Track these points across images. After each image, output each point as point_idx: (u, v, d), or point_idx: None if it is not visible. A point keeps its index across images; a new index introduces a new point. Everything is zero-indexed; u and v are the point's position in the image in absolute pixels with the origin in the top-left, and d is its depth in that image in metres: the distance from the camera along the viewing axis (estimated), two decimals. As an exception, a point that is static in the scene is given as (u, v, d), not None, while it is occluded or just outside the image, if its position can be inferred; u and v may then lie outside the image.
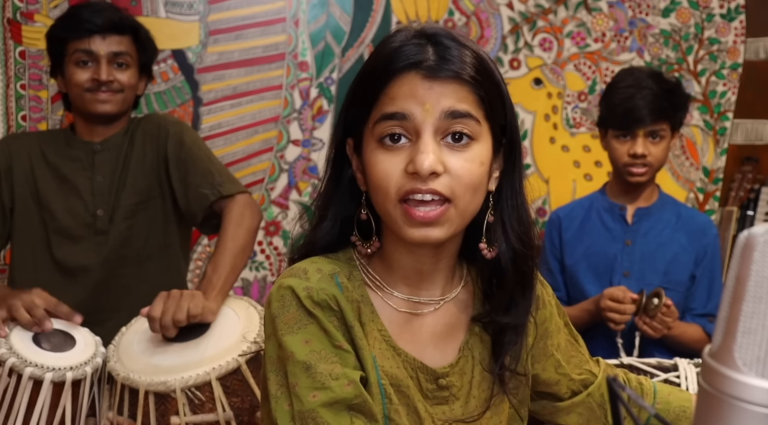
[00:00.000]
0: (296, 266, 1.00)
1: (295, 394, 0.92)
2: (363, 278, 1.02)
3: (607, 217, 2.17)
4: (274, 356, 0.96)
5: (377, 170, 0.95)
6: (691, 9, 3.06)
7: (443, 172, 0.93)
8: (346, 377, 0.92)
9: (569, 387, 1.15)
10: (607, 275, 2.11)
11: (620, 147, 2.06)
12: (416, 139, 0.94)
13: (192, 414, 1.53)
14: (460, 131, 0.94)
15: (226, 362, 1.55)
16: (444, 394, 1.03)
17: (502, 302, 1.03)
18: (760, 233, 0.53)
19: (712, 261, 2.13)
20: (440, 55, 0.94)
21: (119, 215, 1.94)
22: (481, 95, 0.95)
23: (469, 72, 0.94)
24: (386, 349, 1.00)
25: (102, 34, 1.89)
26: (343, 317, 0.97)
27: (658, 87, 2.04)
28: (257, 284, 2.94)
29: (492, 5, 2.96)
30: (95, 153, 1.96)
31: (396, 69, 0.95)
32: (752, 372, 0.52)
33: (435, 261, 1.02)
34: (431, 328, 1.04)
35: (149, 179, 1.96)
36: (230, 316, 1.69)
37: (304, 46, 2.86)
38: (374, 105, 0.96)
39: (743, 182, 3.06)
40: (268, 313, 0.98)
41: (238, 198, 1.88)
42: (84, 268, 1.93)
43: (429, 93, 0.93)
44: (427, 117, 0.93)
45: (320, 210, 1.04)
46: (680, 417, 1.17)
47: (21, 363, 1.51)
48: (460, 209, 0.95)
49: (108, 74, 1.89)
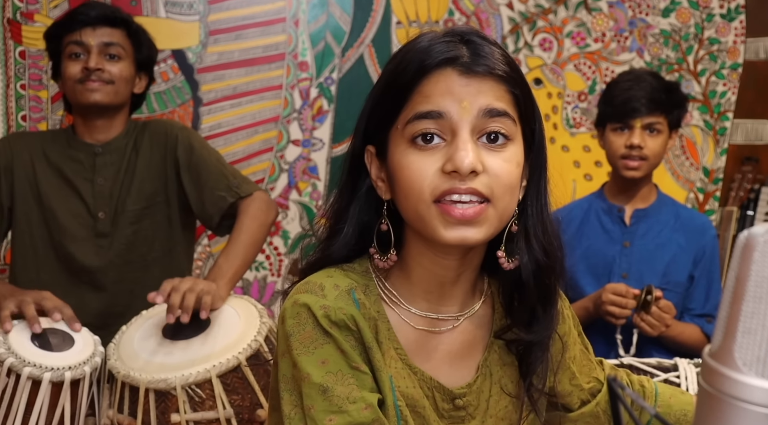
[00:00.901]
0: (312, 280, 0.96)
1: (311, 417, 0.89)
2: (379, 293, 0.98)
3: (605, 218, 2.17)
4: (288, 375, 0.93)
5: (410, 170, 0.90)
6: (691, 9, 3.06)
7: (482, 171, 0.89)
8: (363, 400, 0.89)
9: (579, 397, 1.13)
10: (605, 276, 2.11)
11: (617, 140, 2.07)
12: (452, 138, 0.90)
13: (192, 411, 1.53)
14: (497, 131, 0.90)
15: (227, 359, 1.55)
16: (461, 414, 1.00)
17: (523, 317, 0.99)
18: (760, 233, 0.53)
19: (711, 262, 2.13)
20: (475, 52, 0.91)
21: (125, 220, 1.95)
22: (516, 94, 0.93)
23: (504, 69, 0.92)
24: (402, 368, 0.97)
25: (93, 26, 1.92)
26: (361, 337, 0.93)
27: (656, 82, 2.08)
28: (257, 284, 2.94)
29: (492, 5, 2.96)
30: (96, 156, 1.96)
31: (430, 65, 0.90)
32: (752, 372, 0.52)
33: (458, 273, 0.98)
34: (448, 346, 1.01)
35: (155, 185, 1.97)
36: (231, 314, 1.69)
37: (304, 46, 2.86)
38: (404, 105, 0.92)
39: (743, 182, 3.07)
40: (282, 330, 0.94)
41: (256, 196, 1.94)
42: (87, 270, 1.93)
43: (466, 90, 0.90)
44: (465, 115, 0.89)
45: (335, 222, 0.99)
46: (681, 421, 1.16)
47: (19, 362, 1.51)
48: (499, 211, 0.91)
49: (97, 63, 1.90)
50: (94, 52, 1.91)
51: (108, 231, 1.94)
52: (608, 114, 2.10)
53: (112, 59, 1.93)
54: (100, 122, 1.97)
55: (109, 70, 1.92)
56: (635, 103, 2.03)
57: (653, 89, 2.04)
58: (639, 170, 2.06)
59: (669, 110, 2.06)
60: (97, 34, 1.92)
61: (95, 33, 1.92)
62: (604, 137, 2.13)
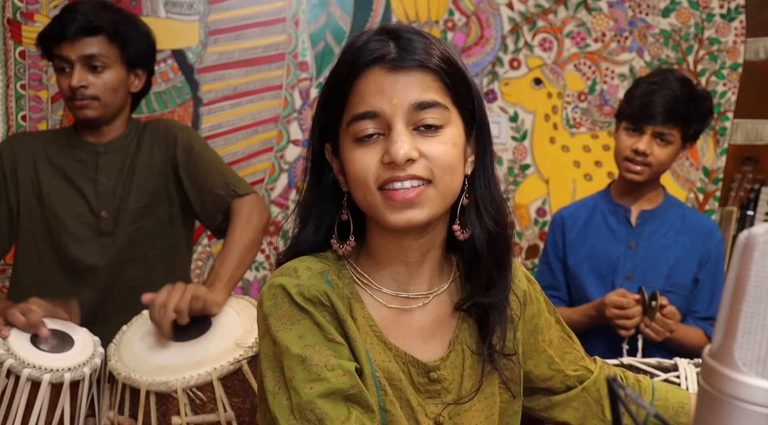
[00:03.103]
0: (286, 265, 1.02)
1: (293, 387, 0.93)
2: (352, 276, 1.04)
3: (611, 218, 2.16)
4: (270, 353, 0.97)
5: (355, 164, 0.97)
6: (691, 9, 3.06)
7: (419, 157, 0.95)
8: (341, 367, 0.94)
9: (563, 382, 1.16)
10: (609, 277, 2.10)
11: (626, 140, 2.04)
12: (389, 131, 0.96)
13: (193, 414, 1.53)
14: (430, 123, 0.96)
15: (228, 362, 1.55)
16: (436, 387, 1.04)
17: (481, 283, 1.05)
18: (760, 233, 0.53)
19: (716, 265, 2.11)
20: (402, 47, 0.96)
21: (126, 218, 1.95)
22: (446, 82, 0.97)
23: (432, 61, 0.96)
24: (378, 344, 1.02)
25: (71, 40, 1.85)
26: (335, 311, 0.99)
27: (681, 91, 2.00)
28: (257, 284, 2.94)
29: (492, 5, 2.96)
30: (99, 155, 1.96)
31: (361, 65, 0.97)
32: (752, 372, 0.52)
33: (422, 253, 1.04)
34: (420, 323, 1.06)
35: (156, 183, 1.97)
36: (232, 316, 1.69)
37: (304, 46, 2.86)
38: (345, 106, 0.99)
39: (743, 182, 3.06)
40: (261, 312, 1.00)
41: (250, 197, 1.93)
42: (90, 269, 1.93)
43: (395, 86, 0.95)
44: (396, 111, 0.95)
45: (302, 215, 1.06)
46: (678, 413, 1.19)
47: (19, 364, 1.51)
48: (441, 190, 0.97)
49: (79, 80, 1.85)
50: (77, 68, 1.86)
51: (111, 230, 1.95)
52: (625, 112, 2.07)
53: (95, 71, 1.88)
54: (100, 127, 1.97)
55: (93, 84, 1.87)
56: (651, 109, 1.99)
57: (674, 99, 1.98)
58: (640, 175, 2.04)
59: (685, 123, 2.01)
60: (76, 48, 1.86)
61: (74, 47, 1.86)
62: (618, 130, 2.11)
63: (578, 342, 1.20)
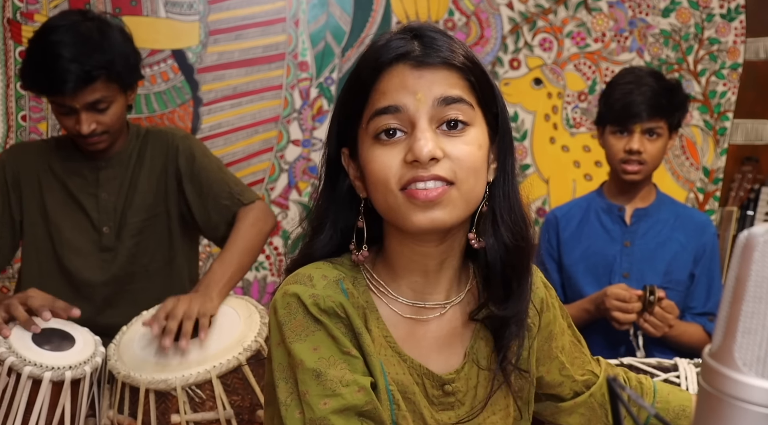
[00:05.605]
0: (300, 272, 0.99)
1: (306, 402, 0.91)
2: (367, 284, 1.01)
3: (605, 218, 2.17)
4: (284, 363, 0.95)
5: (376, 164, 0.94)
6: (691, 9, 3.06)
7: (443, 157, 0.92)
8: (356, 383, 0.92)
9: (572, 388, 1.15)
10: (606, 276, 2.11)
11: (616, 143, 2.06)
12: (412, 130, 0.93)
13: (192, 412, 1.54)
14: (454, 118, 0.93)
15: (227, 360, 1.56)
16: (450, 400, 1.02)
17: (497, 294, 1.01)
18: (760, 233, 0.53)
19: (711, 260, 2.13)
20: (427, 45, 0.94)
21: (127, 233, 1.95)
22: (471, 81, 0.95)
23: (457, 58, 0.94)
24: (392, 355, 1.00)
25: (71, 94, 1.77)
26: (351, 324, 0.96)
27: (657, 85, 2.04)
28: (257, 284, 2.95)
29: (492, 5, 2.96)
30: (99, 170, 1.94)
31: (384, 63, 0.94)
32: (752, 372, 0.52)
33: (440, 261, 1.00)
34: (436, 333, 1.03)
35: (156, 196, 1.96)
36: (231, 315, 1.69)
37: (304, 46, 2.86)
38: (366, 104, 0.95)
39: (743, 182, 3.06)
40: (274, 320, 0.97)
41: (256, 204, 1.93)
42: (91, 284, 1.93)
43: (419, 82, 0.93)
44: (421, 106, 0.92)
45: (316, 222, 1.03)
46: (680, 415, 1.18)
47: (20, 362, 1.51)
48: (463, 192, 0.93)
49: (88, 126, 1.80)
50: (83, 114, 1.80)
51: (112, 245, 1.94)
52: (607, 116, 2.09)
53: (100, 112, 1.82)
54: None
55: (101, 122, 1.83)
56: (635, 108, 2.01)
57: (654, 94, 2.02)
58: (638, 174, 2.06)
59: (669, 114, 2.05)
60: (78, 99, 1.78)
61: (76, 98, 1.77)
62: (603, 136, 2.13)
63: (586, 346, 1.19)
